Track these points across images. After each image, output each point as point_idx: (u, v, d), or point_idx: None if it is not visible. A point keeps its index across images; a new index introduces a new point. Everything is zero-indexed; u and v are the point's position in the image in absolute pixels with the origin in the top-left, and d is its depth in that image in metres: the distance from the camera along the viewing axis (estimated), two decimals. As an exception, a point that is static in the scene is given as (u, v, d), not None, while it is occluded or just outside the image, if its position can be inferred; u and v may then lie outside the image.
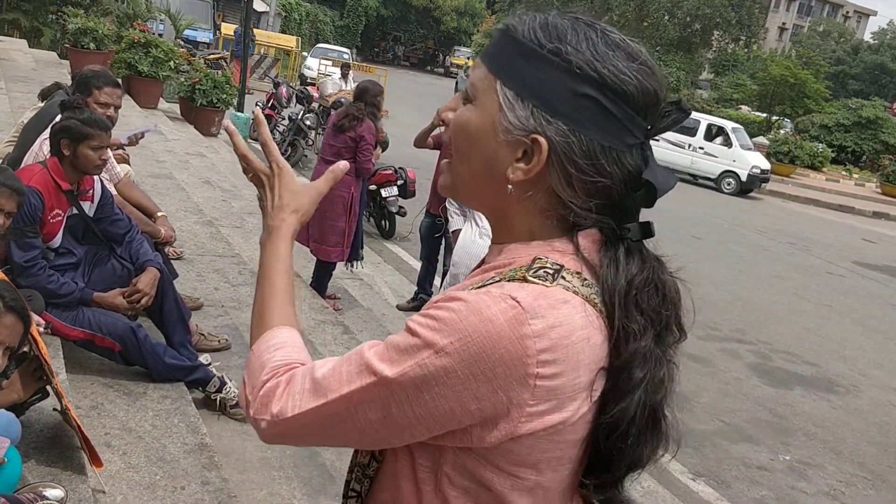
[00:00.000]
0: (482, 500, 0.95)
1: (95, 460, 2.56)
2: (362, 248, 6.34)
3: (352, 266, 6.27)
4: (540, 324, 0.87)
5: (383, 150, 7.15)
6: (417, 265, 7.25)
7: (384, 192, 8.59)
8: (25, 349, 2.35)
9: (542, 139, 0.92)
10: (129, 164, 5.07)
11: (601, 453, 0.97)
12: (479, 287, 0.93)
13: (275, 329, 1.06)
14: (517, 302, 0.87)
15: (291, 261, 1.13)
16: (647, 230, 0.98)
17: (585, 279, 0.94)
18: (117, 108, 4.13)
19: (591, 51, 0.92)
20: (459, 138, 1.00)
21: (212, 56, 19.03)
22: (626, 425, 0.94)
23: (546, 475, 0.95)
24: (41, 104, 4.81)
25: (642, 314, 0.94)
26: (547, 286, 0.90)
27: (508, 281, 0.91)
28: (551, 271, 0.92)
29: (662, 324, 0.96)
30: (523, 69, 0.94)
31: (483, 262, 1.07)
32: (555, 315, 0.88)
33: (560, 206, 0.96)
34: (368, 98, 5.73)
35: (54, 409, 2.66)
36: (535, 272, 0.92)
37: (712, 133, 20.66)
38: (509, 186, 0.96)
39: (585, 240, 0.97)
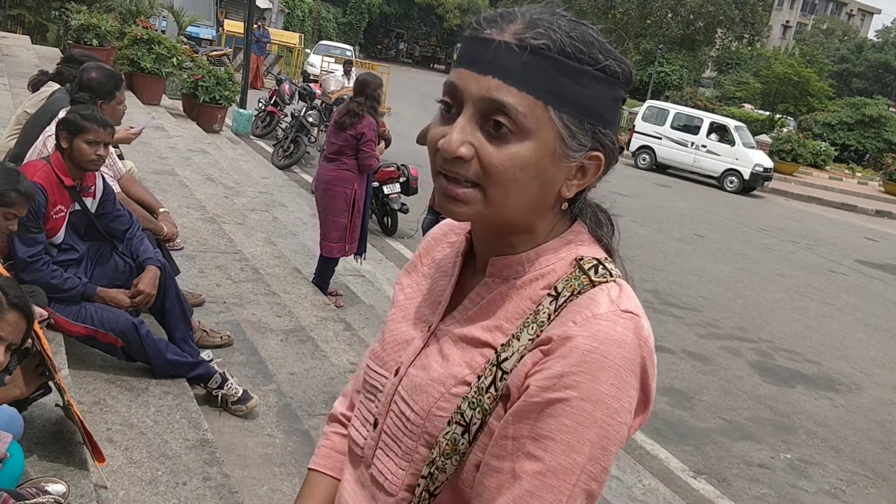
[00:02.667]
0: None
1: (98, 455, 2.56)
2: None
3: (360, 259, 6.28)
4: (644, 320, 0.91)
5: (387, 146, 7.14)
6: (419, 262, 7.25)
7: (386, 189, 8.59)
8: (28, 345, 2.35)
9: (600, 154, 0.93)
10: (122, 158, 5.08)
11: None
12: (554, 313, 0.91)
13: None
14: (630, 312, 0.89)
15: None
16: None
17: (611, 259, 0.99)
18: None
19: (609, 52, 0.92)
20: (516, 173, 0.89)
21: (214, 53, 19.06)
22: None
23: None
24: (34, 95, 4.83)
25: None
26: (614, 282, 0.93)
27: (581, 292, 0.91)
28: (600, 268, 0.94)
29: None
30: (573, 90, 0.89)
31: (486, 274, 1.01)
32: (638, 304, 0.93)
33: (579, 200, 0.99)
34: (368, 91, 5.73)
35: (56, 405, 2.67)
36: (595, 274, 0.93)
37: (715, 131, 20.63)
38: (564, 204, 0.97)
39: (582, 224, 1.01)
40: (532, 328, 0.92)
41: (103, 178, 3.71)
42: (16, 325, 2.12)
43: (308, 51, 28.37)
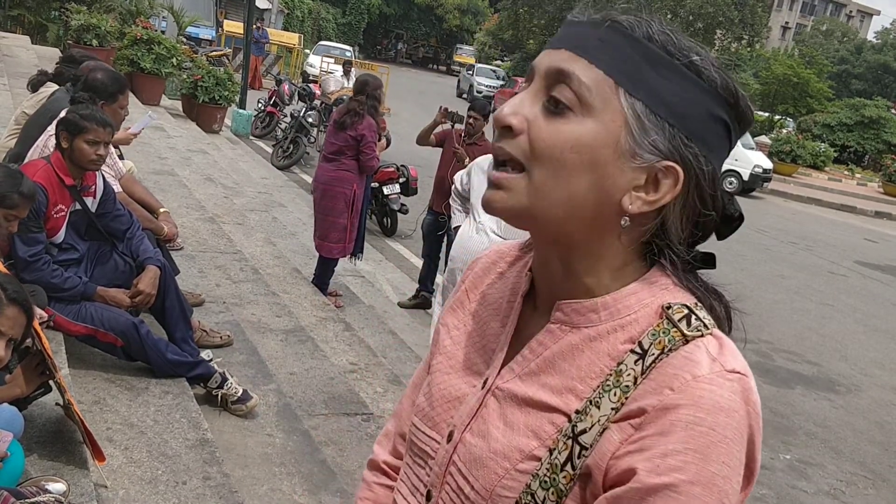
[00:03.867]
0: None
1: (98, 455, 2.56)
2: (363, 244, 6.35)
3: (355, 259, 6.28)
4: (751, 380, 0.79)
5: (387, 146, 7.15)
6: (418, 262, 7.26)
7: (386, 190, 8.60)
8: (28, 344, 2.35)
9: (678, 167, 0.78)
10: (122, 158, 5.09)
11: None
12: (641, 375, 0.77)
13: None
14: (736, 372, 0.77)
15: None
16: (710, 259, 0.88)
17: (702, 307, 0.84)
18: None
19: (722, 71, 0.80)
20: (565, 153, 0.78)
21: (214, 53, 19.06)
22: None
23: None
24: (33, 95, 4.84)
25: None
26: (710, 334, 0.80)
27: (672, 350, 0.78)
28: (693, 318, 0.80)
29: None
30: (654, 79, 0.77)
31: (552, 319, 0.86)
32: (743, 361, 0.80)
33: (662, 239, 0.82)
34: (368, 91, 5.73)
35: (57, 404, 2.67)
36: (688, 326, 0.79)
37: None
38: (625, 219, 0.80)
39: (670, 267, 0.85)
40: (615, 394, 0.77)
41: (103, 177, 3.71)
42: (15, 320, 2.12)
43: (307, 51, 28.37)
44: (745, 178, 19.83)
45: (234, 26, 24.43)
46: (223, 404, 3.54)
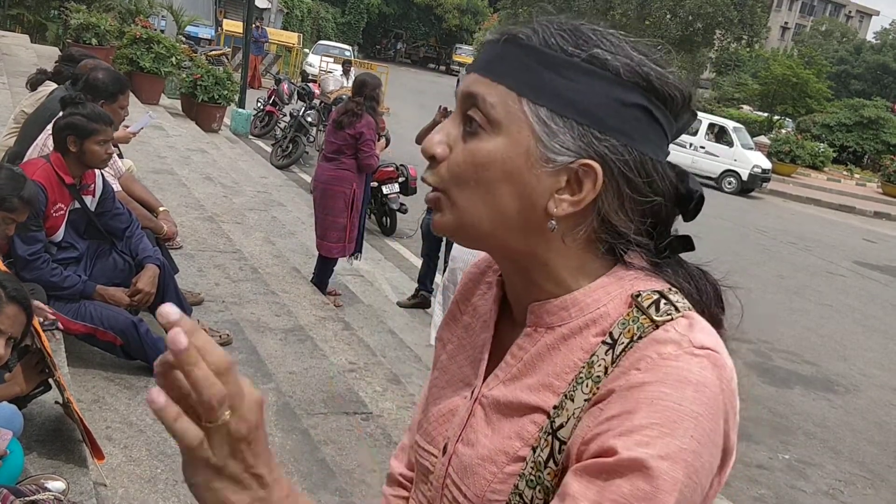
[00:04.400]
0: None
1: (97, 453, 2.56)
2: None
3: (353, 258, 6.28)
4: (726, 357, 0.77)
5: (386, 145, 7.15)
6: (418, 262, 7.26)
7: (385, 189, 8.60)
8: (27, 342, 2.35)
9: (594, 163, 0.78)
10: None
11: None
12: (612, 364, 0.77)
13: None
14: (705, 348, 0.75)
15: None
16: (688, 242, 0.87)
17: (678, 292, 0.82)
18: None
19: (627, 55, 0.79)
20: (479, 172, 0.80)
21: (213, 52, 19.05)
22: None
23: None
24: (31, 94, 4.84)
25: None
26: (682, 316, 0.78)
27: (642, 337, 0.77)
28: (662, 303, 0.79)
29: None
30: (555, 82, 0.78)
31: (527, 323, 0.87)
32: (717, 339, 0.78)
33: (611, 233, 0.82)
34: (367, 91, 5.72)
35: (56, 403, 2.67)
36: (657, 312, 0.78)
37: (714, 132, 20.65)
38: (551, 222, 0.80)
39: (637, 260, 0.84)
40: (587, 385, 0.77)
41: (102, 176, 3.72)
42: (15, 319, 2.12)
43: (307, 51, 28.37)
44: (744, 178, 19.85)
45: (233, 25, 24.43)
46: (222, 403, 3.53)
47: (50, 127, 3.64)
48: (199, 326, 0.63)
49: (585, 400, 0.77)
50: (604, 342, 0.79)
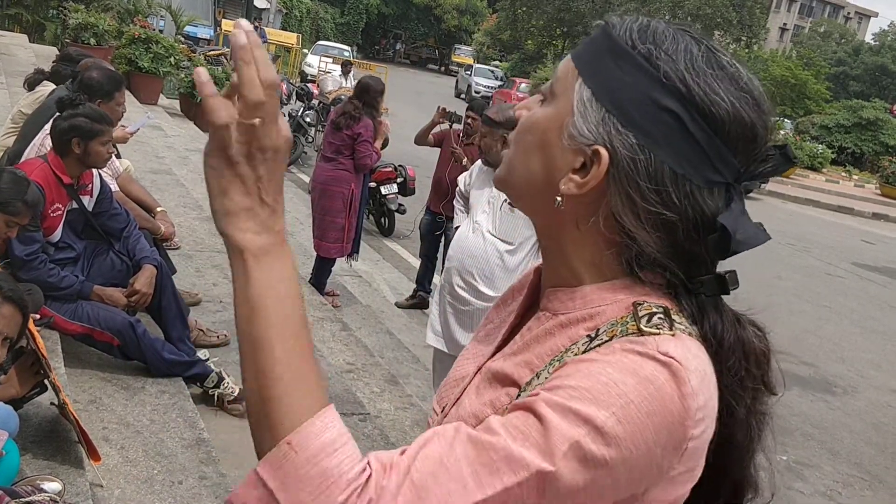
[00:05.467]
0: None
1: (93, 454, 2.56)
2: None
3: (351, 259, 6.28)
4: (695, 378, 0.74)
5: (383, 147, 7.15)
6: (416, 263, 7.26)
7: (384, 190, 8.59)
8: (22, 344, 2.35)
9: (603, 151, 0.79)
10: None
11: None
12: (582, 352, 0.79)
13: (323, 415, 0.72)
14: (671, 357, 0.73)
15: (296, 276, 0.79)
16: (723, 285, 0.85)
17: (687, 318, 0.82)
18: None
19: (686, 62, 0.79)
20: (523, 133, 0.87)
21: (212, 52, 19.04)
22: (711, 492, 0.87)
23: None
24: (29, 94, 4.83)
25: (729, 381, 0.83)
26: (672, 335, 0.77)
27: (622, 337, 0.77)
28: (663, 316, 0.78)
29: (751, 393, 0.86)
30: (609, 69, 0.81)
31: (540, 307, 0.90)
32: (699, 365, 0.76)
33: (623, 235, 0.81)
34: (367, 98, 5.72)
35: (52, 404, 2.67)
36: (648, 321, 0.78)
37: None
38: (557, 198, 0.82)
39: (651, 278, 0.83)
40: (554, 366, 0.80)
41: (100, 176, 3.71)
42: (11, 319, 2.12)
43: (306, 51, 28.38)
44: (743, 179, 19.84)
45: (232, 26, 24.39)
46: (219, 404, 3.53)
47: (48, 127, 3.63)
48: (262, 61, 0.74)
49: (546, 378, 0.79)
50: (588, 336, 0.80)
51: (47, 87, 4.76)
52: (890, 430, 6.04)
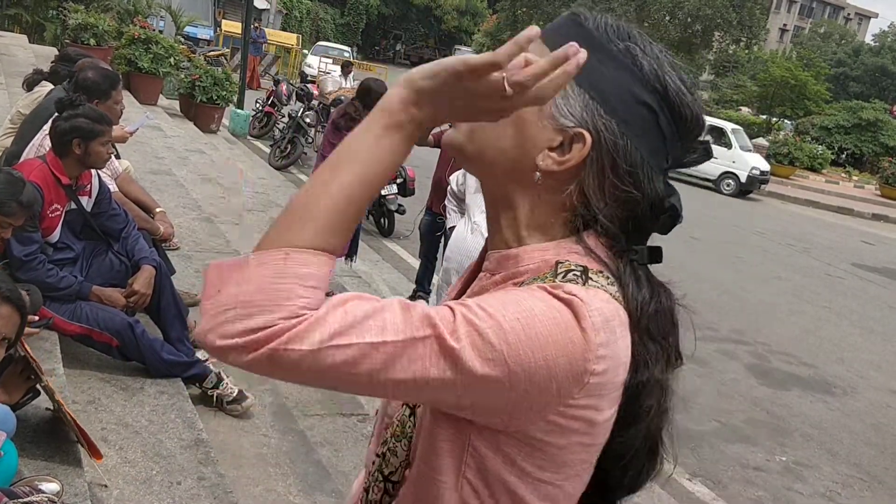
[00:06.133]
0: None
1: (94, 452, 2.55)
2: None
3: (351, 261, 6.27)
4: (597, 317, 0.82)
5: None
6: (415, 263, 7.25)
7: (383, 191, 8.58)
8: (11, 351, 2.33)
9: (587, 134, 0.88)
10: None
11: (598, 477, 0.94)
12: None
13: (329, 261, 0.82)
14: (574, 295, 0.82)
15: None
16: (655, 255, 0.95)
17: (608, 276, 0.89)
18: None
19: (665, 65, 0.90)
20: None
21: (212, 53, 19.05)
22: (630, 454, 0.93)
23: (570, 481, 0.90)
24: (27, 95, 4.83)
25: (653, 342, 0.91)
26: (583, 287, 0.85)
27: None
28: (579, 273, 0.87)
29: (669, 352, 0.94)
30: (588, 60, 0.86)
31: (482, 269, 0.99)
32: (608, 309, 0.84)
33: (583, 208, 0.91)
34: (369, 100, 5.71)
35: (47, 409, 2.67)
36: (564, 276, 0.86)
37: (712, 134, 20.67)
38: (536, 174, 0.90)
39: (592, 241, 0.92)
40: None
41: (99, 176, 3.71)
42: (9, 319, 2.11)
43: (306, 52, 28.36)
44: (743, 180, 19.87)
45: (232, 26, 24.42)
46: (218, 404, 3.53)
47: (47, 127, 3.63)
48: None
49: None
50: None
51: (45, 88, 4.76)
52: (889, 430, 6.04)
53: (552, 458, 0.86)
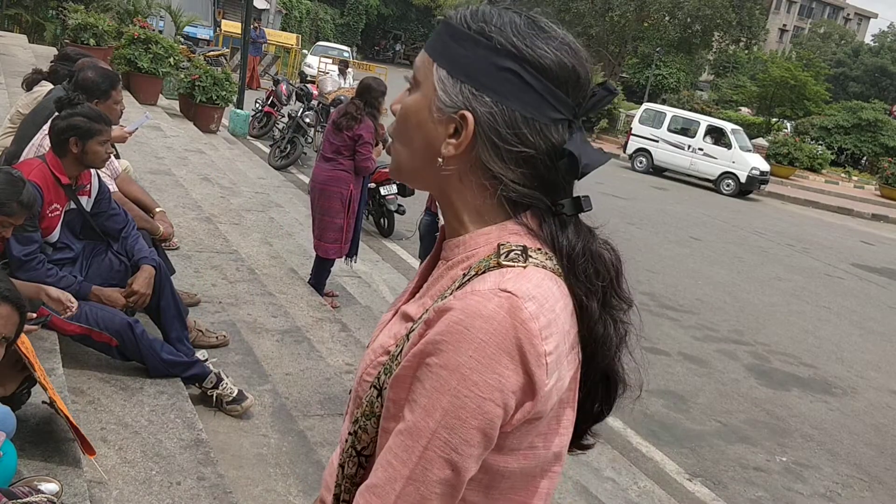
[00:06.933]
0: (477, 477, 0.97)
1: (87, 448, 2.54)
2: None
3: (351, 261, 6.27)
4: (533, 305, 0.90)
5: (384, 147, 7.15)
6: (415, 263, 7.25)
7: (383, 191, 8.59)
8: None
9: (468, 114, 0.97)
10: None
11: None
12: (456, 289, 0.95)
13: None
14: (508, 292, 0.90)
15: None
16: (579, 205, 1.02)
17: (546, 253, 0.98)
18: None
19: (512, 30, 0.98)
20: (402, 122, 1.05)
21: (212, 53, 19.03)
22: (587, 387, 1.04)
23: (551, 440, 0.99)
24: (27, 94, 4.82)
25: (582, 282, 0.99)
26: (523, 267, 0.94)
27: (484, 272, 0.94)
28: (519, 252, 0.96)
29: (601, 291, 1.01)
30: (453, 50, 0.99)
31: (440, 258, 1.08)
32: (540, 292, 0.92)
33: (493, 179, 0.99)
34: (369, 98, 5.71)
35: (43, 402, 2.66)
36: (506, 257, 0.95)
37: (712, 134, 20.67)
38: (439, 160, 1.00)
39: (530, 219, 1.01)
40: (438, 302, 0.96)
41: (99, 176, 3.70)
42: (8, 319, 2.11)
43: (305, 52, 28.36)
44: (743, 180, 19.88)
45: (231, 26, 24.40)
46: (218, 405, 3.52)
47: (46, 127, 3.63)
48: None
49: (427, 311, 0.97)
50: (464, 273, 0.98)
51: (45, 87, 4.75)
52: (889, 431, 6.04)
53: (526, 432, 0.95)
